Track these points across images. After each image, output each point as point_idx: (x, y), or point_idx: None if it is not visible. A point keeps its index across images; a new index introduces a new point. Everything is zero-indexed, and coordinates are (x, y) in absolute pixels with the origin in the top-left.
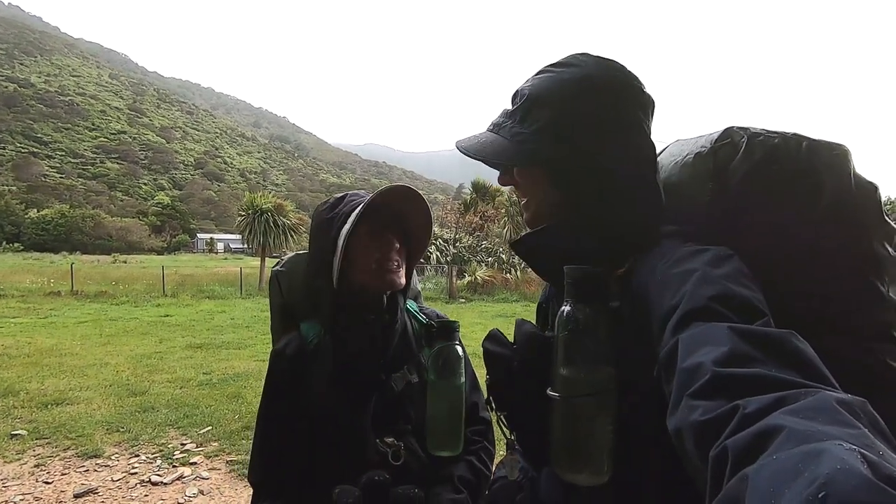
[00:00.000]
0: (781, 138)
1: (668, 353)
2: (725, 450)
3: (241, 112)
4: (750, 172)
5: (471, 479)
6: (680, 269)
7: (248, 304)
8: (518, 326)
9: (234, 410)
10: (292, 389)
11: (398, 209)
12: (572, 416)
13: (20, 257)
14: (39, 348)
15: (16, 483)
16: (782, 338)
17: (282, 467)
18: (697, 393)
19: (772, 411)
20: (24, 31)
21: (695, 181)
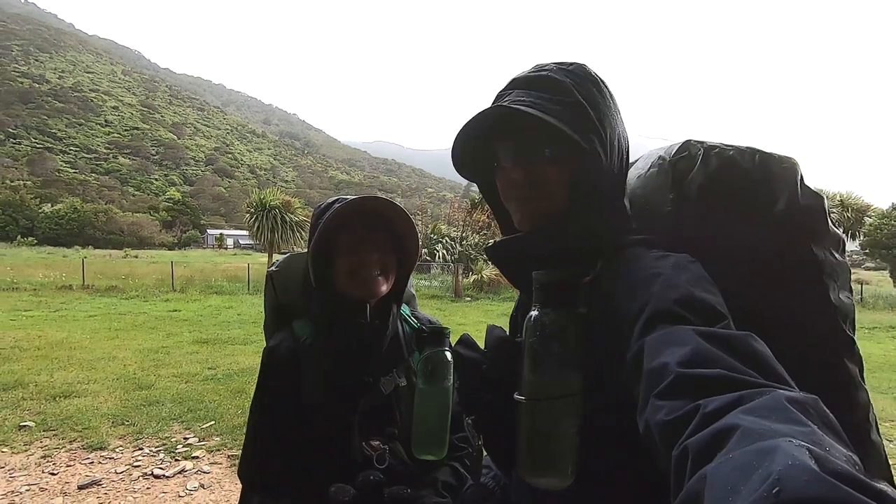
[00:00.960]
0: (736, 150)
1: (635, 355)
2: (686, 449)
3: (251, 109)
4: (707, 183)
5: (454, 484)
6: (645, 275)
7: (256, 300)
8: (489, 332)
9: (237, 406)
10: (284, 387)
11: (386, 215)
12: (537, 419)
13: (34, 251)
14: (50, 341)
15: (22, 473)
16: (741, 339)
17: (272, 463)
18: (662, 393)
19: (730, 410)
20: (39, 28)
21: (657, 192)
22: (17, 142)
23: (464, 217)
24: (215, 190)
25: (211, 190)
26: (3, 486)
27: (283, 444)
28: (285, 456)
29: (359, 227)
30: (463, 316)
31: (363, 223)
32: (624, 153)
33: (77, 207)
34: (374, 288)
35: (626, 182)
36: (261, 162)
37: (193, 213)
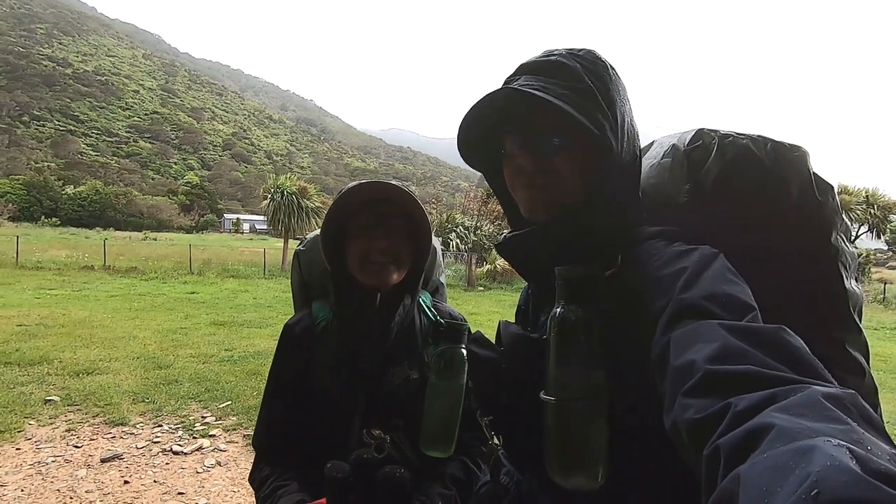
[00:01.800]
0: (749, 139)
1: (660, 352)
2: (718, 449)
3: (268, 94)
4: (723, 172)
5: (461, 478)
6: (669, 270)
7: (271, 284)
8: (503, 328)
9: (252, 387)
10: (296, 365)
11: (400, 202)
12: (567, 419)
13: (57, 232)
14: (73, 319)
15: (48, 445)
16: (772, 332)
17: (283, 436)
18: (690, 391)
19: (762, 409)
20: (62, 12)
21: (672, 182)
22: (41, 124)
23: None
24: (232, 175)
25: (228, 175)
26: (31, 457)
27: (292, 420)
28: (293, 431)
29: (369, 213)
30: (476, 305)
31: (374, 210)
32: (636, 142)
33: (99, 190)
34: (383, 276)
35: (640, 172)
36: (277, 147)
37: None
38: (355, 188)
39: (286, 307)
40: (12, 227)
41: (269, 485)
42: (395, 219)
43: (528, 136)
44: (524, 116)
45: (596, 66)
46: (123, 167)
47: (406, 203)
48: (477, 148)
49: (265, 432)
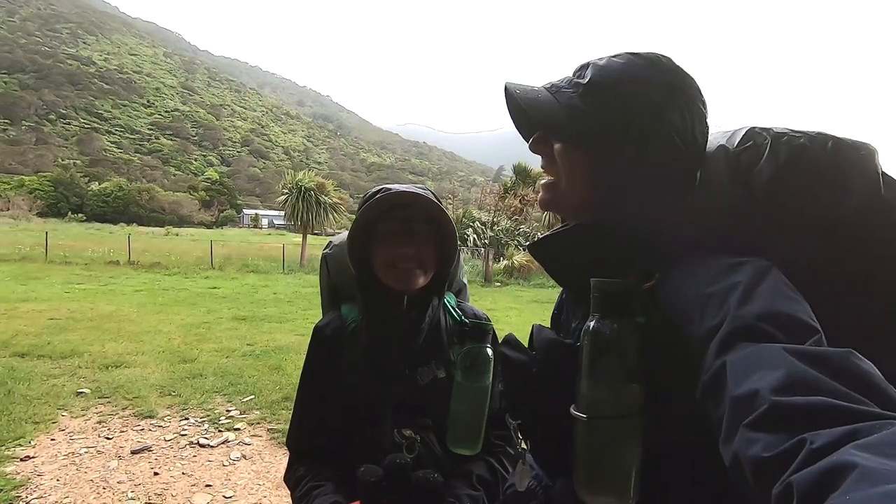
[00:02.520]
0: (806, 137)
1: (715, 376)
2: (790, 486)
3: (286, 91)
4: (776, 175)
5: (488, 478)
6: (719, 286)
7: (290, 279)
8: (536, 332)
9: (274, 381)
10: (326, 367)
11: (426, 206)
12: (598, 438)
13: (83, 227)
14: (100, 313)
15: (81, 437)
16: (842, 358)
17: (314, 437)
18: (756, 424)
19: (842, 446)
20: (86, 12)
21: (720, 188)
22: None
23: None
24: (251, 171)
25: (247, 171)
26: (65, 448)
27: (325, 421)
28: (327, 432)
29: (395, 219)
30: (493, 301)
31: (399, 215)
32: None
33: (122, 186)
34: (409, 281)
35: (687, 179)
36: (294, 143)
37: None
38: (381, 196)
39: (305, 302)
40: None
41: (304, 485)
42: (420, 224)
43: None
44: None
45: (624, 65)
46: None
47: (431, 208)
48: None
49: (299, 432)
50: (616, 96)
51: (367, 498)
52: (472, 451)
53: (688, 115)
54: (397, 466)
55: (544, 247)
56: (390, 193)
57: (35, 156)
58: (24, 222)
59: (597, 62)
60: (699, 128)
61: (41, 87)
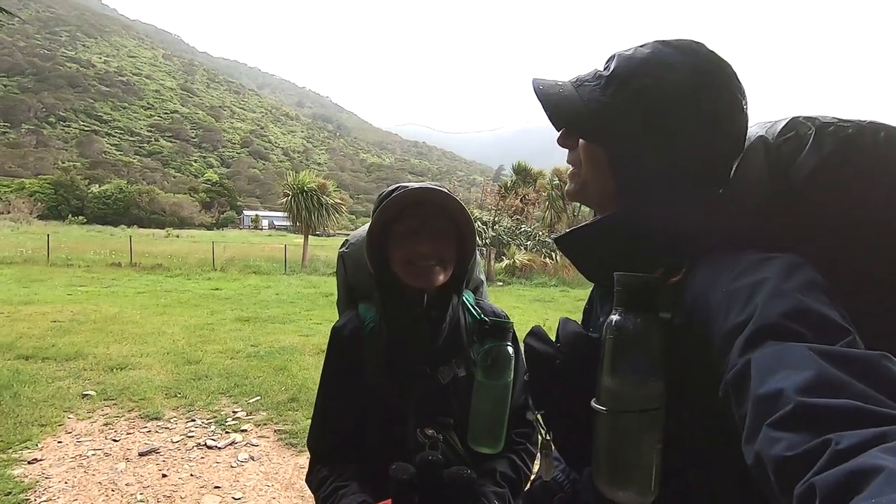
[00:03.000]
0: (856, 128)
1: (738, 374)
2: (813, 487)
3: (285, 92)
4: (819, 168)
5: (512, 475)
6: (746, 281)
7: (292, 280)
8: (562, 325)
9: (280, 382)
10: (346, 366)
11: (444, 205)
12: (618, 432)
13: (84, 230)
14: (104, 315)
15: (88, 439)
16: (874, 361)
17: (335, 437)
18: (779, 423)
19: (868, 448)
20: (85, 14)
21: (756, 180)
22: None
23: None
24: (250, 172)
25: (246, 172)
26: (73, 450)
27: (346, 421)
28: (348, 432)
29: (414, 217)
30: (495, 301)
31: (419, 213)
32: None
33: (123, 188)
34: (429, 279)
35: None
36: (294, 144)
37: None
38: (399, 194)
39: (308, 303)
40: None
41: (328, 485)
42: (438, 221)
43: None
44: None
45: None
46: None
47: (448, 205)
48: None
49: (321, 433)
50: (637, 87)
51: (399, 496)
52: (495, 450)
53: (719, 103)
54: (430, 464)
55: (570, 240)
56: (408, 191)
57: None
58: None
59: (623, 52)
60: (734, 115)
61: (41, 90)
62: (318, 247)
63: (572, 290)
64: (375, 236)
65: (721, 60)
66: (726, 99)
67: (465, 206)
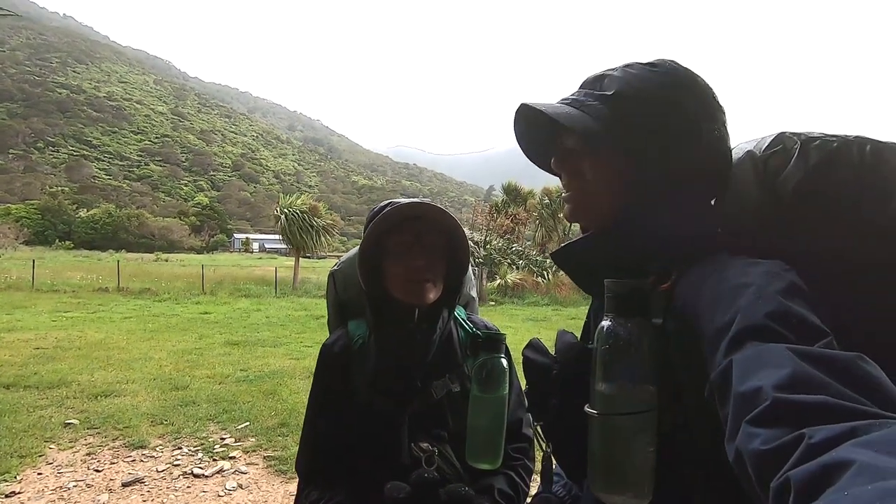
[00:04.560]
0: (841, 142)
1: (722, 374)
2: (787, 481)
3: (276, 115)
4: (805, 179)
5: (510, 493)
6: (732, 284)
7: (283, 303)
8: (559, 336)
9: (270, 407)
10: (336, 385)
11: (436, 220)
12: (610, 435)
13: (71, 255)
14: (89, 342)
15: (69, 470)
16: (849, 361)
17: (326, 458)
18: (757, 420)
19: (841, 443)
20: (76, 41)
21: (744, 192)
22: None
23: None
24: (241, 195)
25: (237, 195)
26: (53, 482)
27: (337, 441)
28: (339, 452)
29: (407, 232)
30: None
31: (412, 228)
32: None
33: (111, 212)
34: (422, 294)
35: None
36: (285, 167)
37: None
38: (392, 209)
39: (299, 326)
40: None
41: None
42: (432, 236)
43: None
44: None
45: (649, 74)
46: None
47: (442, 220)
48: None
49: (310, 455)
50: (644, 104)
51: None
52: (494, 465)
53: (703, 115)
54: (426, 482)
55: (566, 254)
56: (401, 206)
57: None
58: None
59: (613, 74)
60: (721, 130)
61: (30, 116)
62: (309, 269)
63: (564, 308)
64: (368, 251)
65: (701, 78)
66: (708, 111)
67: (455, 218)
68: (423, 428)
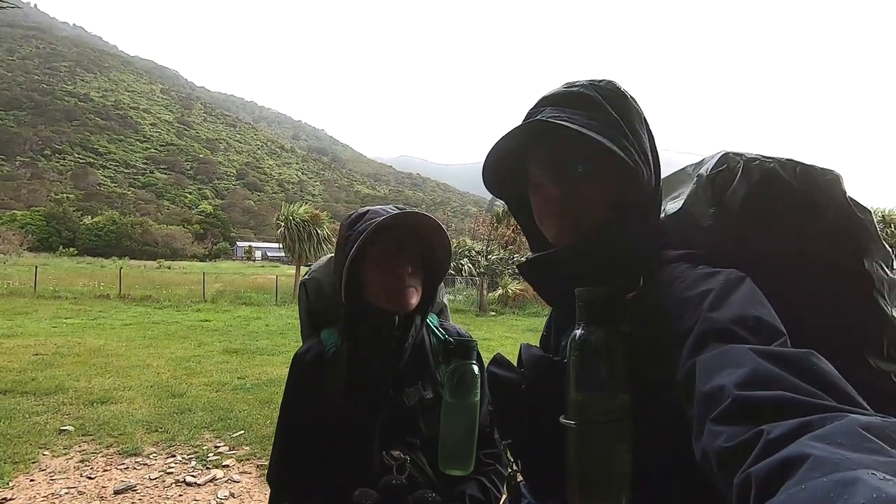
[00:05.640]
0: (776, 162)
1: (686, 376)
2: (749, 477)
3: (281, 125)
4: (749, 195)
5: (481, 498)
6: (694, 292)
7: (283, 311)
8: (524, 350)
9: (266, 416)
10: (310, 394)
11: (417, 227)
12: (588, 444)
13: (74, 261)
14: (88, 348)
15: (62, 477)
16: (803, 357)
17: (300, 468)
18: (720, 418)
19: (797, 437)
20: (85, 50)
21: (696, 207)
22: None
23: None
24: (245, 203)
25: (241, 203)
26: (45, 489)
27: (309, 450)
28: (311, 461)
29: (388, 241)
30: (488, 331)
31: (396, 237)
32: (657, 168)
33: (116, 220)
34: (406, 301)
35: (661, 198)
36: (289, 176)
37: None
38: (371, 218)
39: (298, 334)
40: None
41: None
42: (412, 244)
43: (556, 166)
44: (552, 147)
45: (617, 96)
46: (140, 197)
47: (421, 227)
48: (501, 178)
49: (282, 466)
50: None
51: None
52: (465, 472)
53: (650, 135)
54: (393, 488)
55: (533, 267)
56: (387, 220)
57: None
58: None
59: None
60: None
61: (37, 124)
62: None
63: None
64: (349, 260)
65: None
66: (650, 129)
67: (443, 226)
68: (396, 435)
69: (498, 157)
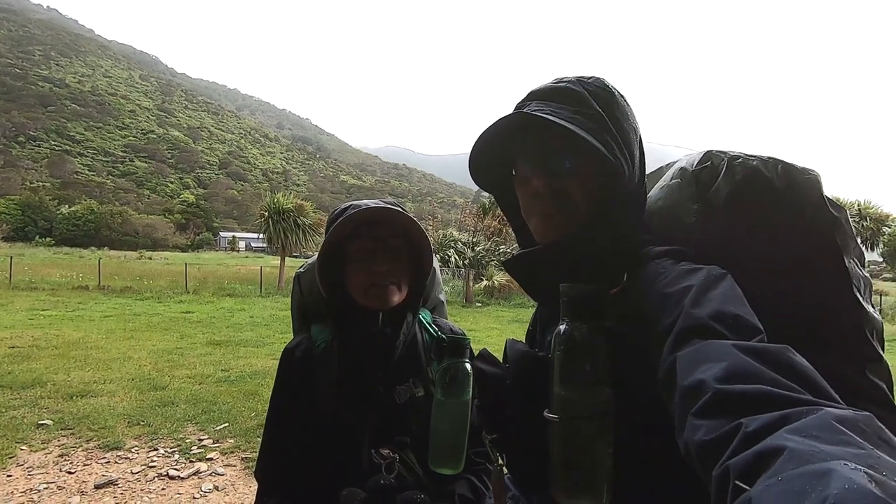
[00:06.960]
0: (759, 160)
1: (667, 371)
2: (727, 470)
3: (265, 113)
4: (733, 193)
5: (470, 497)
6: (676, 288)
7: (268, 302)
8: (509, 346)
9: (250, 408)
10: (299, 390)
11: (399, 223)
12: (571, 438)
13: (51, 252)
14: (67, 341)
15: (41, 472)
16: (780, 353)
17: (288, 465)
18: (700, 412)
19: (774, 430)
20: (60, 34)
21: (680, 203)
22: (36, 144)
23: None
24: (228, 193)
25: (224, 193)
26: (23, 484)
27: (297, 446)
28: (299, 458)
29: (367, 237)
30: (474, 322)
31: (374, 233)
32: (642, 165)
33: (94, 209)
34: (386, 299)
35: (646, 194)
36: (273, 166)
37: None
38: (351, 214)
39: (283, 325)
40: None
41: None
42: (394, 240)
43: (541, 160)
44: (537, 141)
45: (604, 92)
46: (119, 186)
47: (403, 223)
48: (487, 170)
49: (270, 462)
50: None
51: None
52: (455, 471)
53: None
54: (381, 488)
55: (517, 263)
56: (360, 211)
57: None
58: None
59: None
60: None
61: (10, 110)
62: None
63: None
64: (329, 257)
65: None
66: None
67: (418, 222)
68: (386, 434)
69: (483, 148)
